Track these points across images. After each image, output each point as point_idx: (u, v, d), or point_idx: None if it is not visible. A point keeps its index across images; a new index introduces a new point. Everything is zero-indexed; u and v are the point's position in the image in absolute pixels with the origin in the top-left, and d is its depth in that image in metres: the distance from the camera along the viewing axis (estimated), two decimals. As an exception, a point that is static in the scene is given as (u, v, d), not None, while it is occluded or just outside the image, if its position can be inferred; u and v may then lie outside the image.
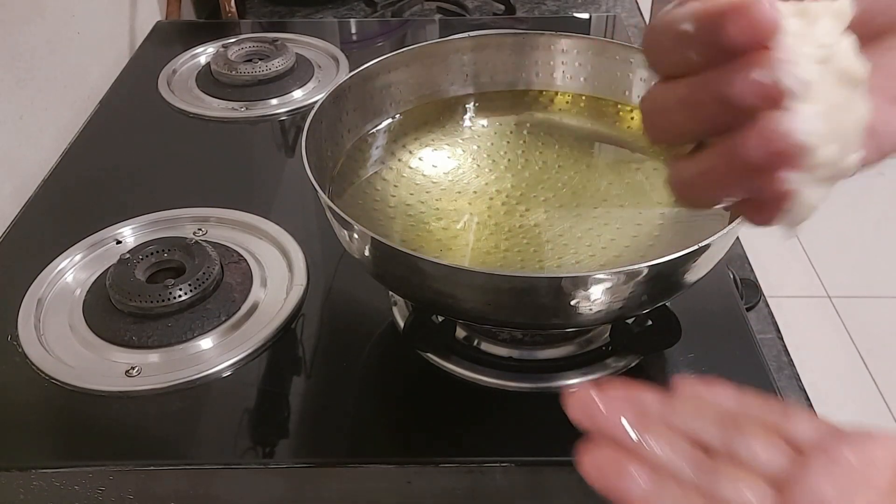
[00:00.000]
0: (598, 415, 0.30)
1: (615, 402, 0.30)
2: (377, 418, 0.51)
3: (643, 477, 0.28)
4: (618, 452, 0.29)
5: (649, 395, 0.31)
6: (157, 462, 0.48)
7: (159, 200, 0.68)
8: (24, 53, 0.77)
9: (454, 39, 0.63)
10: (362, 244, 0.45)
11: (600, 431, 0.30)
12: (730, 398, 0.32)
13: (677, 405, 0.31)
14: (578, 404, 0.31)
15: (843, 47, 0.26)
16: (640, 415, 0.30)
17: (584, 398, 0.31)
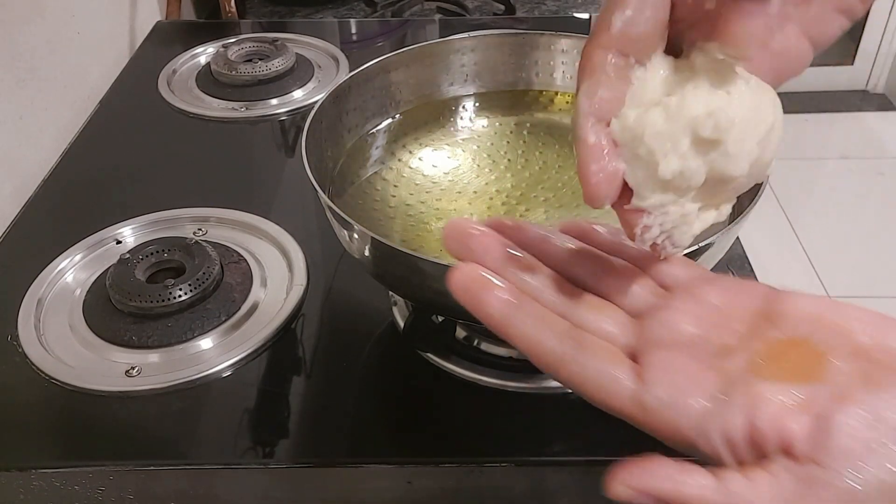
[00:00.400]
0: (472, 242, 0.30)
1: (490, 233, 0.31)
2: (377, 418, 0.51)
3: (506, 294, 0.29)
4: (485, 272, 0.29)
5: (531, 229, 0.32)
6: (157, 462, 0.48)
7: (159, 200, 0.68)
8: (24, 53, 0.77)
9: (454, 39, 0.63)
10: (362, 244, 0.45)
11: (472, 258, 0.30)
12: (609, 238, 0.33)
13: (556, 241, 0.32)
14: (453, 234, 0.31)
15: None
16: (515, 245, 0.31)
17: (459, 227, 0.31)
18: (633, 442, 0.49)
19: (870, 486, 0.25)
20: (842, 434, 0.25)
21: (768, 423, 0.26)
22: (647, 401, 0.28)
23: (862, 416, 0.25)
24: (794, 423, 0.26)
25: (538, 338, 0.29)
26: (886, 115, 2.48)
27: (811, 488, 0.25)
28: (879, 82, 2.58)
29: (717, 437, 0.27)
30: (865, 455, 0.25)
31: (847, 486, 0.25)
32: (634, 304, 0.31)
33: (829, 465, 0.25)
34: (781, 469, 0.26)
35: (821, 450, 0.25)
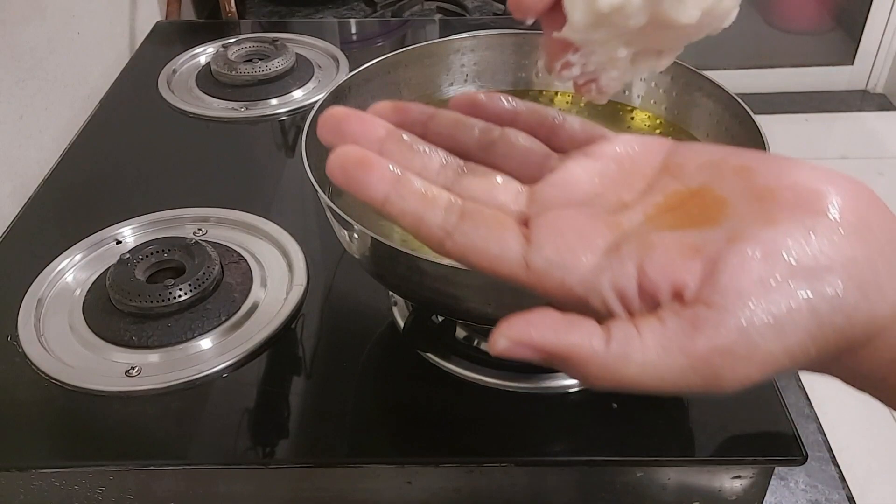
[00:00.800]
0: (347, 126, 0.29)
1: (367, 116, 0.29)
2: (377, 418, 0.51)
3: (386, 172, 0.27)
4: (364, 152, 0.28)
5: (414, 108, 0.31)
6: (157, 462, 0.48)
7: (159, 200, 0.68)
8: (24, 53, 0.77)
9: (454, 39, 0.63)
10: (362, 244, 0.45)
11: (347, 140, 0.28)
12: (502, 107, 0.32)
13: (442, 117, 0.31)
14: (327, 122, 0.29)
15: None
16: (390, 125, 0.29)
17: (334, 113, 0.29)
18: (633, 442, 0.49)
19: (761, 323, 0.23)
20: (731, 271, 0.24)
21: (659, 270, 0.25)
22: (534, 261, 0.26)
23: (754, 252, 0.24)
24: (686, 269, 0.25)
25: (421, 213, 0.27)
26: (886, 115, 2.48)
27: (701, 330, 0.24)
28: (879, 82, 2.58)
29: (608, 291, 0.26)
30: (756, 291, 0.24)
31: (736, 325, 0.23)
32: (527, 171, 0.30)
33: (718, 304, 0.24)
34: (670, 314, 0.25)
35: (710, 290, 0.24)
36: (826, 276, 0.24)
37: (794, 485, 0.51)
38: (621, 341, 0.24)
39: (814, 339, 0.24)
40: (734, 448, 0.47)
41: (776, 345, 0.24)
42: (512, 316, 0.25)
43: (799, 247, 0.24)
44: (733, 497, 0.49)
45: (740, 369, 0.24)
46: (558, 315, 0.25)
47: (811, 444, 0.53)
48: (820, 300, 0.24)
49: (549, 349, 0.24)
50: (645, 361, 0.24)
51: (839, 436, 0.49)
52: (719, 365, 0.24)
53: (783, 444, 0.47)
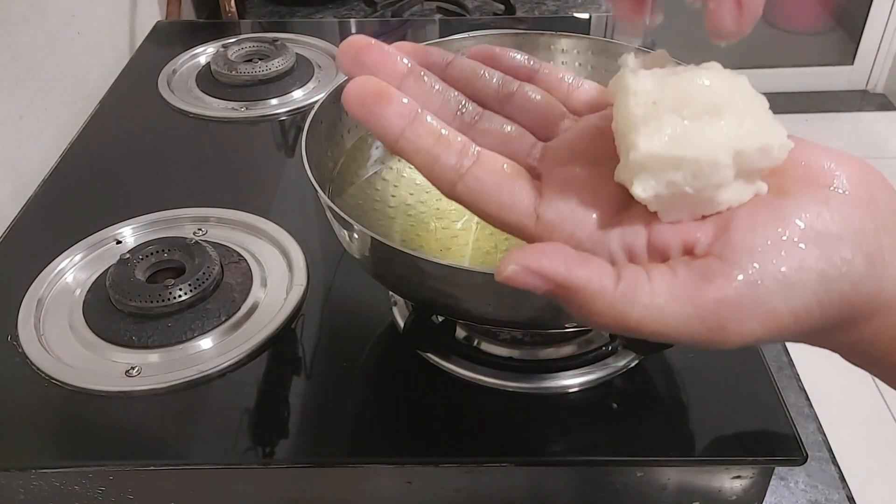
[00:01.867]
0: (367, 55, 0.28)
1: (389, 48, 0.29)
2: (377, 418, 0.51)
3: (404, 106, 0.27)
4: (384, 84, 0.27)
5: (434, 51, 0.30)
6: (157, 462, 0.48)
7: (159, 200, 0.68)
8: (24, 53, 0.77)
9: (454, 39, 0.63)
10: (362, 244, 0.45)
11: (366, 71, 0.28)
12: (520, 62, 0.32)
13: (462, 63, 0.31)
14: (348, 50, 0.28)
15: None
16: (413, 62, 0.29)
17: (355, 41, 0.28)
18: (633, 442, 0.49)
19: (771, 279, 0.24)
20: (744, 229, 0.25)
21: (670, 228, 0.26)
22: (545, 213, 0.27)
23: (768, 215, 0.25)
24: (698, 227, 0.25)
25: (436, 152, 0.27)
26: (886, 115, 2.48)
27: (710, 281, 0.24)
28: (879, 82, 2.58)
29: (616, 246, 0.26)
30: (767, 249, 0.24)
31: (746, 279, 0.24)
32: (542, 127, 0.30)
33: (730, 258, 0.24)
34: (681, 264, 0.25)
35: (722, 245, 0.25)
36: (836, 244, 0.24)
37: (794, 485, 0.51)
38: (631, 283, 0.24)
39: (820, 303, 0.24)
40: (734, 448, 0.47)
41: (783, 304, 0.24)
42: (524, 247, 0.25)
43: (810, 214, 0.25)
44: (733, 497, 0.49)
45: (746, 323, 0.24)
46: (571, 250, 0.25)
47: (811, 444, 0.53)
48: (829, 265, 0.24)
49: (559, 280, 0.24)
50: (651, 305, 0.24)
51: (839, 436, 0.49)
52: (725, 317, 0.24)
53: (783, 444, 0.47)
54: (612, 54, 0.62)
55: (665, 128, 0.25)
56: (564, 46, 0.63)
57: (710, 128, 0.25)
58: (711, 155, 0.25)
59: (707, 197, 0.25)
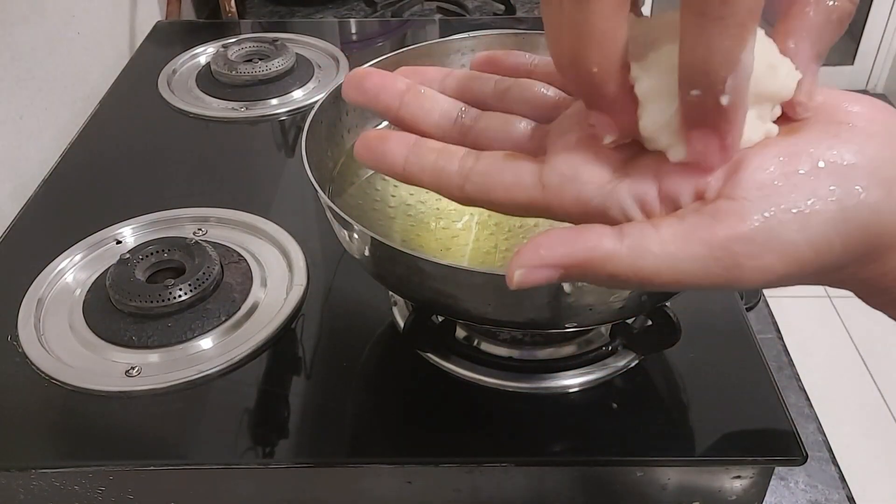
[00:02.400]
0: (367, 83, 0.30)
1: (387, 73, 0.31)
2: (377, 418, 0.51)
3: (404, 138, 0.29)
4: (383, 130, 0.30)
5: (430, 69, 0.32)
6: (157, 462, 0.48)
7: (159, 200, 0.68)
8: (23, 53, 0.77)
9: (454, 39, 0.63)
10: (362, 244, 0.45)
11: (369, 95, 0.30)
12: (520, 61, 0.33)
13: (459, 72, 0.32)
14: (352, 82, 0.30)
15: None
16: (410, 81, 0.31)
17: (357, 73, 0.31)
18: (633, 442, 0.49)
19: (784, 211, 0.23)
20: (755, 167, 0.24)
21: (681, 174, 0.25)
22: (549, 178, 0.26)
23: (778, 151, 0.24)
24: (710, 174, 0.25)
25: (440, 164, 0.28)
26: (886, 115, 2.48)
27: (722, 221, 0.24)
28: (879, 82, 2.58)
29: (627, 199, 0.25)
30: (779, 183, 0.24)
31: (759, 214, 0.23)
32: (542, 113, 0.30)
33: (741, 197, 0.24)
34: (690, 211, 0.24)
35: (732, 185, 0.24)
36: (850, 173, 0.24)
37: (794, 485, 0.51)
38: (635, 235, 0.24)
39: (839, 233, 0.24)
40: (734, 448, 0.47)
41: (800, 236, 0.23)
42: (520, 247, 0.25)
43: (822, 147, 0.24)
44: (733, 497, 0.49)
45: (762, 257, 0.23)
46: (564, 229, 0.25)
47: (811, 444, 0.53)
48: (844, 193, 0.24)
49: (565, 261, 0.24)
50: (663, 253, 0.24)
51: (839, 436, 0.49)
52: (740, 253, 0.23)
53: (783, 444, 0.47)
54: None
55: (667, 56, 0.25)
56: (564, 46, 0.63)
57: None
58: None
59: None
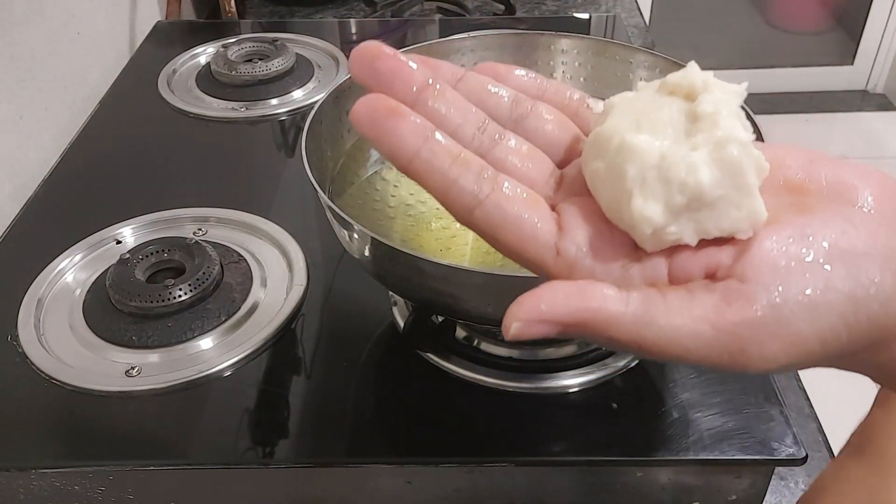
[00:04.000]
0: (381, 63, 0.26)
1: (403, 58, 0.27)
2: (377, 418, 0.51)
3: (419, 124, 0.25)
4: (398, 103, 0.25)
5: (445, 65, 0.29)
6: (157, 462, 0.48)
7: (159, 200, 0.68)
8: (24, 53, 0.77)
9: (454, 39, 0.63)
10: (362, 244, 0.45)
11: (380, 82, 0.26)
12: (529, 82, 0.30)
13: (472, 78, 0.29)
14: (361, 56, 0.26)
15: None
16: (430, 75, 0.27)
17: (370, 48, 0.26)
18: (633, 442, 0.49)
19: (795, 300, 0.23)
20: (767, 249, 0.24)
21: (692, 257, 0.25)
22: (566, 248, 0.25)
23: (790, 233, 0.24)
24: (719, 252, 0.24)
25: (453, 176, 0.25)
26: (886, 115, 2.48)
27: (730, 304, 0.23)
28: (879, 82, 2.58)
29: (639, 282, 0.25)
30: (791, 269, 0.23)
31: (769, 300, 0.23)
32: (555, 151, 0.29)
33: (752, 280, 0.23)
34: (700, 286, 0.24)
35: (743, 265, 0.24)
36: (863, 263, 0.23)
37: (794, 485, 0.51)
38: (643, 302, 0.24)
39: (847, 325, 0.23)
40: (734, 448, 0.47)
41: (808, 326, 0.23)
42: (520, 297, 0.24)
43: (835, 233, 0.24)
44: (733, 497, 0.49)
45: (768, 346, 0.23)
46: (569, 283, 0.24)
47: (811, 444, 0.53)
48: (856, 285, 0.23)
49: (565, 320, 0.24)
50: (667, 325, 0.23)
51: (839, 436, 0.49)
52: (746, 339, 0.23)
53: (783, 444, 0.47)
54: (611, 55, 0.62)
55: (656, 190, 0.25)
56: (564, 46, 0.63)
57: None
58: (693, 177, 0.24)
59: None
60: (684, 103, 0.26)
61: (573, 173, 0.28)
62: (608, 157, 0.25)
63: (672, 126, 0.25)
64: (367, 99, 0.25)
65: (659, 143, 0.25)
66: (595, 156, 0.26)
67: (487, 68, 0.30)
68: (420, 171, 0.25)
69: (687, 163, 0.24)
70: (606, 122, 0.26)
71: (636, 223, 0.25)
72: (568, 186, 0.28)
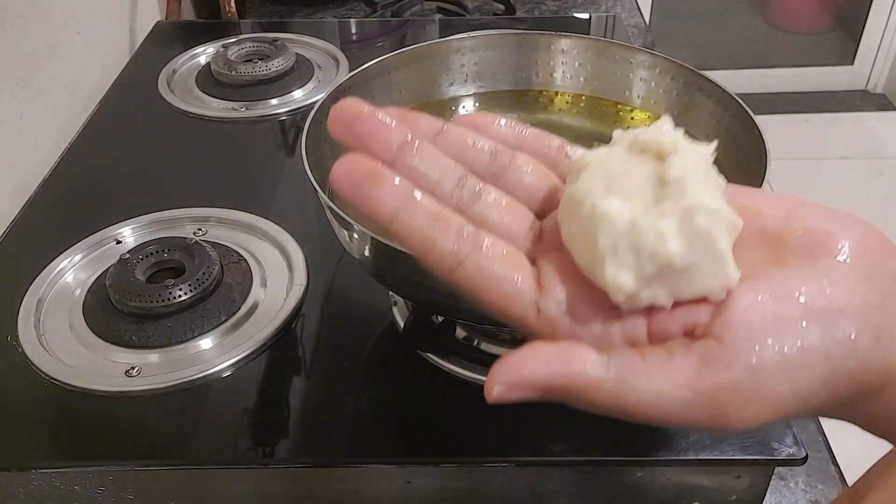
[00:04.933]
0: (360, 125, 0.26)
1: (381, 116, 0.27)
2: (377, 418, 0.51)
3: (398, 187, 0.25)
4: (375, 162, 0.26)
5: (423, 118, 0.29)
6: (157, 462, 0.48)
7: (159, 200, 0.68)
8: (24, 53, 0.77)
9: (454, 39, 0.63)
10: (362, 244, 0.45)
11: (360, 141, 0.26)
12: (508, 131, 0.30)
13: (452, 132, 0.29)
14: (339, 116, 0.26)
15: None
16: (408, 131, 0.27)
17: (348, 108, 0.26)
18: (633, 442, 0.49)
19: (772, 361, 0.23)
20: (743, 308, 0.24)
21: (670, 316, 0.25)
22: (547, 307, 0.25)
23: (767, 291, 0.24)
24: (697, 310, 0.24)
25: (433, 237, 0.25)
26: (886, 115, 2.48)
27: (708, 366, 0.23)
28: (879, 82, 2.58)
29: (618, 340, 0.25)
30: (767, 328, 0.23)
31: (746, 363, 0.23)
32: (535, 202, 0.29)
33: (729, 341, 0.23)
34: (678, 346, 0.24)
35: (720, 324, 0.24)
36: (839, 320, 0.23)
37: (794, 485, 0.51)
38: (624, 368, 0.24)
39: (825, 383, 0.23)
40: (734, 448, 0.47)
41: (785, 387, 0.23)
42: (503, 358, 0.24)
43: (811, 289, 0.24)
44: (733, 497, 0.49)
45: (747, 408, 0.23)
46: (551, 346, 0.24)
47: (811, 444, 0.53)
48: (832, 343, 0.23)
49: (546, 385, 0.24)
50: (648, 390, 0.23)
51: (839, 436, 0.49)
52: (725, 402, 0.23)
53: (783, 444, 0.47)
54: (611, 55, 0.62)
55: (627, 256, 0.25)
56: (564, 46, 0.63)
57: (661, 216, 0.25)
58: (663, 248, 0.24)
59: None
60: (654, 164, 0.26)
61: (551, 225, 0.28)
62: (580, 222, 0.26)
63: (642, 190, 0.26)
64: (345, 161, 0.25)
65: (629, 209, 0.25)
66: (569, 219, 0.27)
67: (467, 120, 0.30)
68: (400, 233, 0.26)
69: (656, 232, 0.24)
70: (579, 182, 0.27)
71: (609, 289, 0.25)
72: (548, 240, 0.28)
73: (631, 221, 0.25)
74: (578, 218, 0.26)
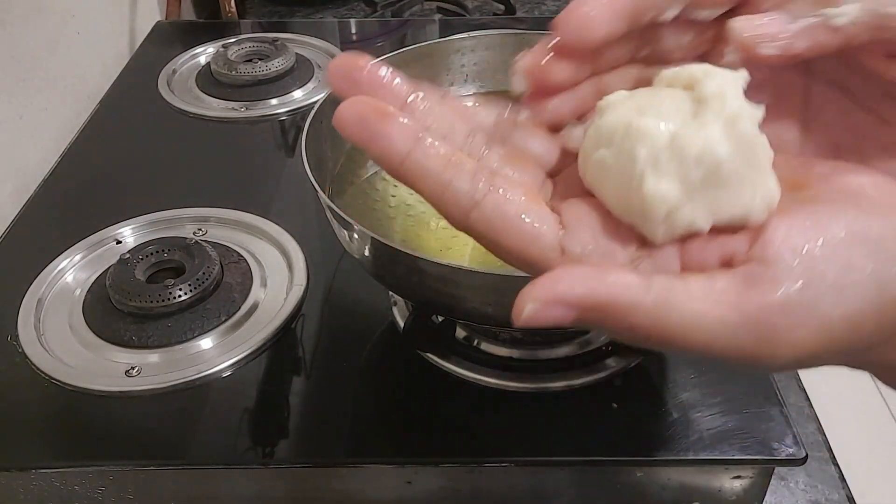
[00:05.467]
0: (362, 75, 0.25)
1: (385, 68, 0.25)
2: (377, 418, 0.51)
3: (410, 124, 0.24)
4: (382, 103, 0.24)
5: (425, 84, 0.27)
6: (157, 462, 0.48)
7: (159, 200, 0.68)
8: (24, 53, 0.77)
9: (454, 39, 0.63)
10: (362, 244, 0.45)
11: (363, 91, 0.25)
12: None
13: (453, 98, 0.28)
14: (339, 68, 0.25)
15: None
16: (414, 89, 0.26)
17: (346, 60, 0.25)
18: (633, 442, 0.49)
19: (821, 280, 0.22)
20: (785, 231, 0.22)
21: (703, 246, 0.24)
22: (571, 246, 0.24)
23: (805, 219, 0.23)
24: (732, 239, 0.23)
25: (446, 177, 0.24)
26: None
27: (755, 286, 0.22)
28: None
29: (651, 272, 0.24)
30: (812, 250, 0.22)
31: (795, 281, 0.22)
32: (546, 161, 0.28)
33: (773, 262, 0.22)
34: (719, 272, 0.23)
35: (762, 248, 0.22)
36: (882, 245, 0.22)
37: (794, 485, 0.51)
38: (664, 287, 0.22)
39: (875, 309, 0.22)
40: (734, 448, 0.47)
41: (836, 309, 0.22)
42: (534, 280, 0.22)
43: (849, 217, 0.23)
44: (733, 497, 0.49)
45: (796, 331, 0.22)
46: (585, 267, 0.23)
47: (811, 444, 0.53)
48: (882, 267, 0.22)
49: (585, 302, 0.22)
50: (691, 311, 0.22)
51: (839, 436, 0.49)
52: (774, 323, 0.22)
53: (783, 444, 0.47)
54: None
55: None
56: (564, 46, 0.63)
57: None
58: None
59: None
60: (685, 92, 0.25)
61: (566, 180, 0.27)
62: (614, 144, 0.25)
63: (677, 111, 0.25)
64: (352, 101, 0.24)
65: (665, 125, 0.24)
66: (598, 147, 0.25)
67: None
68: (412, 173, 0.24)
69: (702, 136, 0.23)
70: (605, 116, 0.26)
71: (649, 205, 0.24)
72: (563, 191, 0.27)
73: (672, 134, 0.24)
74: (611, 142, 0.25)
